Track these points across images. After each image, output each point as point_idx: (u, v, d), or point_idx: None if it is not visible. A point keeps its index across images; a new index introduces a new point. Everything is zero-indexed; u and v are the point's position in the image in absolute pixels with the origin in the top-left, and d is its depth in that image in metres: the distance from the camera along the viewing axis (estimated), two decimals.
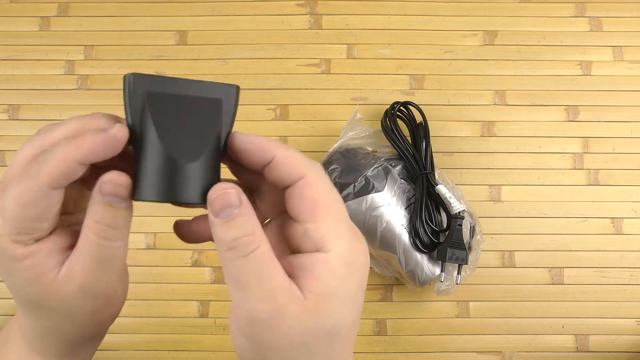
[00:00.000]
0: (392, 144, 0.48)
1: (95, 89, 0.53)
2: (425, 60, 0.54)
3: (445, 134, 0.53)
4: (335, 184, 0.46)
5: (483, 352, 0.50)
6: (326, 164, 0.47)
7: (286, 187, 0.23)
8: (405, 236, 0.45)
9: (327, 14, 0.55)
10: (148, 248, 0.51)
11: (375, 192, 0.45)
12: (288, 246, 0.24)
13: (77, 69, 0.54)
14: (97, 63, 0.54)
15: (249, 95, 0.53)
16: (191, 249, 0.51)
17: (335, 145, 0.48)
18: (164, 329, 0.50)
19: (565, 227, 0.51)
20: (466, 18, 0.55)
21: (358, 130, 0.49)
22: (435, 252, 0.45)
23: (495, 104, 0.53)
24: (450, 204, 0.45)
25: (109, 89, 0.53)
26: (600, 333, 0.50)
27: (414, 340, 0.50)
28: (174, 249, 0.51)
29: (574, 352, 0.50)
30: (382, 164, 0.46)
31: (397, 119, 0.49)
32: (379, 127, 0.50)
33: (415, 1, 0.55)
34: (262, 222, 0.23)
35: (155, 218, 0.51)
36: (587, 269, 0.51)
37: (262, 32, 0.54)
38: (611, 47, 0.54)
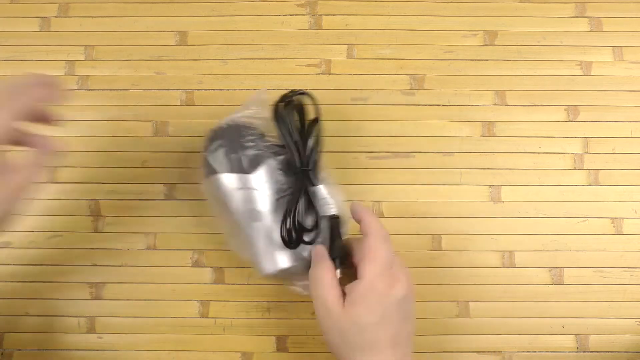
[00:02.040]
0: (278, 132, 0.45)
1: (96, 90, 0.53)
2: (425, 61, 0.54)
3: (445, 134, 0.53)
4: (223, 159, 0.44)
5: (483, 352, 0.50)
6: (212, 139, 0.45)
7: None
8: (263, 223, 0.43)
9: (327, 14, 0.55)
10: (148, 248, 0.51)
11: (246, 173, 0.43)
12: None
13: (77, 70, 0.54)
14: (98, 63, 0.54)
15: (249, 96, 0.53)
16: (191, 249, 0.51)
17: (227, 119, 0.46)
18: (164, 329, 0.50)
19: (565, 227, 0.51)
20: (466, 18, 0.55)
21: (257, 110, 0.46)
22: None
23: (495, 104, 0.53)
24: (323, 205, 0.43)
25: (110, 90, 0.53)
26: (601, 333, 0.50)
27: (414, 340, 0.49)
28: (174, 249, 0.51)
29: (574, 352, 0.50)
30: (263, 149, 0.44)
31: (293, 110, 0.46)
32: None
33: (415, 1, 0.55)
34: None
35: (156, 218, 0.51)
36: (587, 269, 0.51)
37: (262, 33, 0.54)
38: (611, 47, 0.54)
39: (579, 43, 0.54)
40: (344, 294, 0.39)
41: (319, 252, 0.41)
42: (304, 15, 0.55)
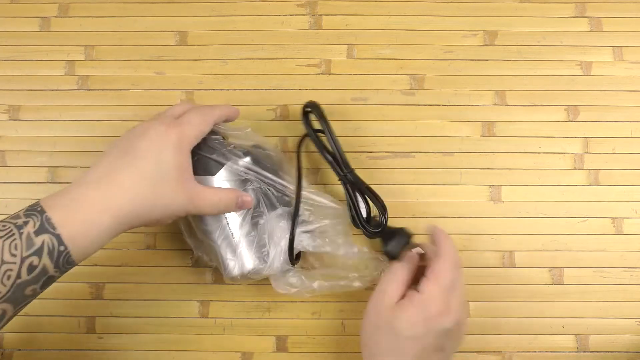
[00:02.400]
0: (319, 147, 0.48)
1: (96, 90, 0.53)
2: (425, 61, 0.54)
3: (446, 134, 0.53)
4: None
5: (483, 352, 0.50)
6: None
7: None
8: (229, 227, 0.44)
9: (327, 14, 0.55)
10: (148, 248, 0.51)
11: (209, 175, 0.43)
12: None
13: (77, 70, 0.54)
14: (98, 63, 0.54)
15: (249, 96, 0.53)
16: (191, 249, 0.51)
17: None
18: (164, 329, 0.50)
19: (565, 227, 0.51)
20: (466, 18, 0.55)
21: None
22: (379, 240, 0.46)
23: (495, 104, 0.53)
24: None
25: (110, 90, 0.53)
26: (601, 333, 0.50)
27: None
28: (174, 249, 0.51)
29: (574, 352, 0.50)
30: (225, 153, 0.44)
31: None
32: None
33: (415, 1, 0.55)
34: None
35: None
36: (587, 269, 0.51)
37: (262, 33, 0.54)
38: (611, 47, 0.54)
39: (579, 43, 0.54)
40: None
41: (411, 256, 0.43)
42: (304, 15, 0.55)
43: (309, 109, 0.48)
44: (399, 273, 0.41)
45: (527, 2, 0.55)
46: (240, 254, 0.44)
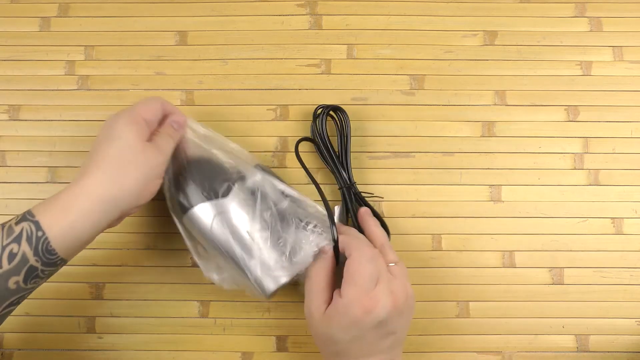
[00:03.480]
0: (320, 152, 0.48)
1: (96, 90, 0.53)
2: (425, 61, 0.54)
3: (446, 134, 0.53)
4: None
5: (483, 352, 0.50)
6: (176, 180, 0.45)
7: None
8: (255, 243, 0.42)
9: (327, 14, 0.55)
10: (148, 248, 0.51)
11: (220, 198, 0.43)
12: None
13: (77, 70, 0.54)
14: (98, 63, 0.54)
15: (249, 96, 0.53)
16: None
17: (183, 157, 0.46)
18: (164, 329, 0.50)
19: (565, 227, 0.51)
20: (466, 18, 0.55)
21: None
22: None
23: (495, 104, 0.53)
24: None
25: (110, 90, 0.53)
26: (600, 333, 0.50)
27: (414, 340, 0.50)
28: (174, 249, 0.51)
29: (574, 352, 0.50)
30: (230, 174, 0.44)
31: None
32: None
33: (415, 1, 0.55)
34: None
35: (156, 218, 0.51)
36: (587, 269, 0.51)
37: (262, 33, 0.54)
38: (611, 47, 0.54)
39: (579, 43, 0.54)
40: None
41: (325, 249, 0.42)
42: (304, 15, 0.55)
43: (327, 111, 0.49)
44: (315, 280, 0.41)
45: (527, 2, 0.55)
46: (271, 268, 0.42)
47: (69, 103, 0.53)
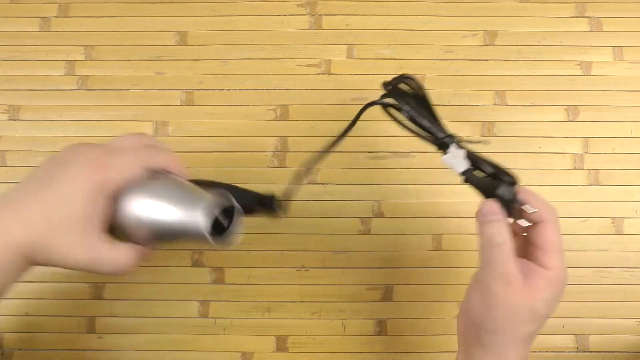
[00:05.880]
0: (411, 113, 0.43)
1: (96, 90, 0.53)
2: (425, 60, 0.54)
3: None
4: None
5: None
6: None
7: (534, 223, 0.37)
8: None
9: (327, 14, 0.55)
10: None
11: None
12: (523, 252, 0.37)
13: (77, 70, 0.54)
14: (98, 63, 0.54)
15: (249, 96, 0.53)
16: (191, 249, 0.51)
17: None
18: (164, 329, 0.50)
19: (565, 227, 0.51)
20: (466, 18, 0.55)
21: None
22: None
23: (495, 104, 0.53)
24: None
25: (110, 90, 0.53)
26: (600, 333, 0.50)
27: (415, 341, 0.50)
28: (174, 249, 0.51)
29: (574, 352, 0.49)
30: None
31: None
32: None
33: (415, 1, 0.55)
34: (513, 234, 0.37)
35: None
36: (588, 269, 0.51)
37: (262, 33, 0.54)
38: (611, 47, 0.54)
39: (579, 43, 0.54)
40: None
41: (494, 209, 0.38)
42: (304, 15, 0.55)
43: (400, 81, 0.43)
44: (506, 250, 0.36)
45: (527, 2, 0.55)
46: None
47: (69, 103, 0.53)
